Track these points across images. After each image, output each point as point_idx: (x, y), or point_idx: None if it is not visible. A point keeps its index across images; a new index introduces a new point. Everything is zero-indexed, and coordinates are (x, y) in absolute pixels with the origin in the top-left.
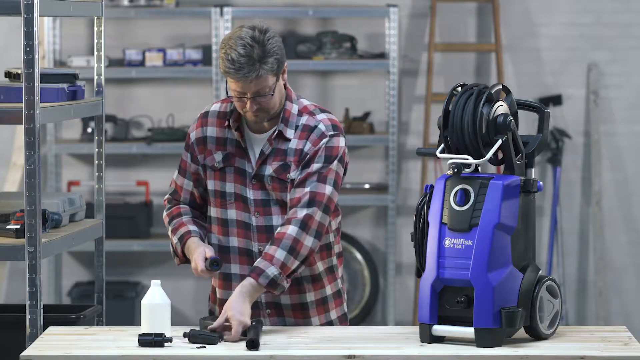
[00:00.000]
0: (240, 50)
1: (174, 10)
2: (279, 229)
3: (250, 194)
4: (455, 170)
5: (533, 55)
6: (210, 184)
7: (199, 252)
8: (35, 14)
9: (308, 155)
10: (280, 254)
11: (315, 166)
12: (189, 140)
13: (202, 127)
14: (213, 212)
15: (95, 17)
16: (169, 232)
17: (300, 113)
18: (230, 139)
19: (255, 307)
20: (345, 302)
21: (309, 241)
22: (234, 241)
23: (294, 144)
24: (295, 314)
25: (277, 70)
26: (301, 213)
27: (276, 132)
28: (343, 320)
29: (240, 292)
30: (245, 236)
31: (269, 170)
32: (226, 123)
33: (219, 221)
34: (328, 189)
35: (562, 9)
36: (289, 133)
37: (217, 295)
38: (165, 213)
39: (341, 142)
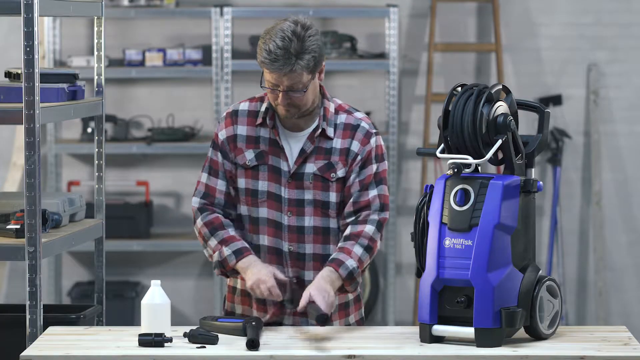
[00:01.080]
0: (279, 42)
1: (174, 10)
2: (352, 227)
3: (285, 192)
4: (455, 170)
5: (533, 55)
6: (241, 183)
7: (268, 271)
8: (35, 14)
9: (360, 156)
10: (357, 249)
11: (373, 167)
12: (218, 140)
13: (233, 126)
14: (243, 210)
15: (95, 17)
16: (212, 242)
17: (336, 111)
18: (264, 137)
19: (281, 303)
20: (363, 307)
21: (380, 242)
22: (264, 239)
23: (337, 143)
24: None
25: (313, 68)
26: (376, 215)
27: (320, 130)
28: (360, 325)
29: (321, 277)
30: (275, 235)
31: (311, 168)
32: (259, 121)
33: (249, 219)
34: (387, 190)
35: (562, 9)
36: (330, 132)
37: (239, 287)
38: (201, 221)
39: (381, 139)
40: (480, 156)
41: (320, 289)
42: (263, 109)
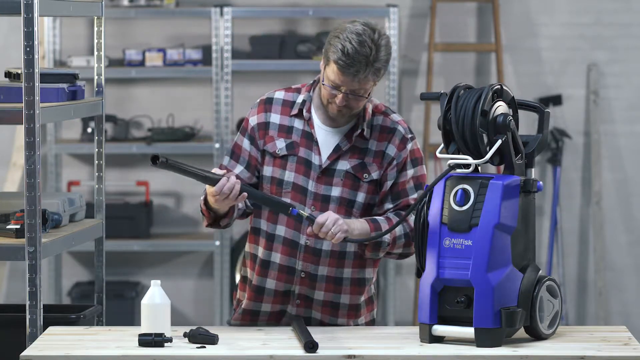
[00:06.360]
0: (358, 47)
1: (174, 10)
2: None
3: (313, 186)
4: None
5: (533, 55)
6: (268, 171)
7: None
8: (35, 14)
9: (395, 161)
10: (400, 230)
11: (409, 173)
12: (248, 125)
13: (265, 113)
14: None
15: (95, 17)
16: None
17: (373, 113)
18: (297, 128)
19: (286, 294)
20: (376, 308)
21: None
22: (281, 230)
23: (373, 145)
24: (324, 310)
25: (379, 77)
26: None
27: (359, 130)
28: (370, 326)
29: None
30: (295, 227)
31: (344, 165)
32: (294, 112)
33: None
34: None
35: (562, 9)
36: (366, 133)
37: (253, 282)
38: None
39: (418, 143)
40: (480, 156)
41: (335, 217)
42: (300, 100)
